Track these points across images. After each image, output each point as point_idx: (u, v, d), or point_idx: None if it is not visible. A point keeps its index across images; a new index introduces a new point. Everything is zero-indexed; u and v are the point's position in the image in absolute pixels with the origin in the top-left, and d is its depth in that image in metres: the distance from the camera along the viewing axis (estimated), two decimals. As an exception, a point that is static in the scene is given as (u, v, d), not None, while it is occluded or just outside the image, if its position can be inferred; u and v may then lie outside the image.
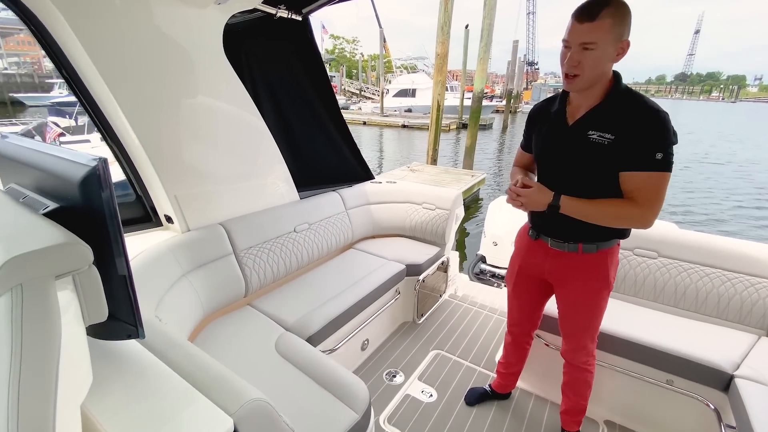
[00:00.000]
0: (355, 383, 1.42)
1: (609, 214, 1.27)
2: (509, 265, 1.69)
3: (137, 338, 0.94)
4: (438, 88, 8.91)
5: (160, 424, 0.78)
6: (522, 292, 1.67)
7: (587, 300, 1.46)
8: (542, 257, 1.50)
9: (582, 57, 1.16)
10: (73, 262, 0.66)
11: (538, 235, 1.50)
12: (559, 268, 1.47)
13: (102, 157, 0.82)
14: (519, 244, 1.63)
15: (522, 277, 1.62)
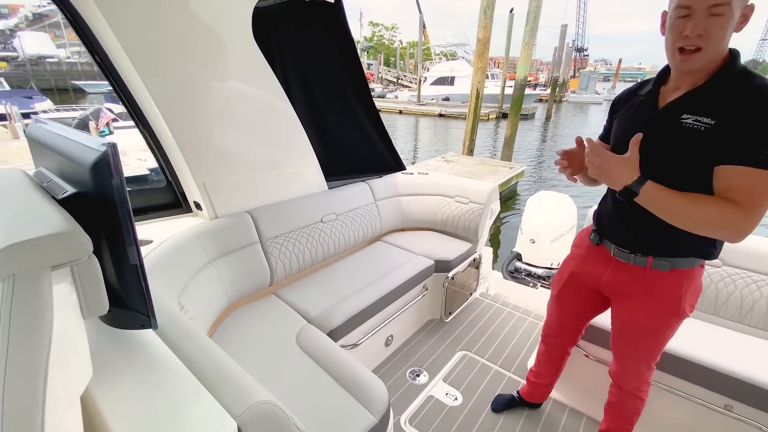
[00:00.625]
0: (375, 384, 1.36)
1: (699, 213, 0.98)
2: (560, 267, 1.51)
3: (150, 329, 0.92)
4: (478, 75, 8.55)
5: (164, 421, 0.75)
6: (568, 300, 1.49)
7: (650, 325, 1.24)
8: (601, 266, 1.31)
9: (709, 24, 0.93)
10: (70, 252, 0.62)
11: (600, 240, 1.31)
12: (619, 282, 1.26)
13: (112, 142, 0.78)
14: (577, 248, 1.44)
15: (572, 284, 1.44)
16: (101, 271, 0.70)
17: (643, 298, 1.22)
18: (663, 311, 1.20)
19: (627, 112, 1.21)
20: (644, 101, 1.16)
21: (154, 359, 0.91)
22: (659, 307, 1.21)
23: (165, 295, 1.26)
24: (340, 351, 1.52)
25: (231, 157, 1.82)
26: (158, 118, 1.55)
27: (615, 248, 1.25)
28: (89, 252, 0.65)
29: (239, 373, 0.90)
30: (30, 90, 14.67)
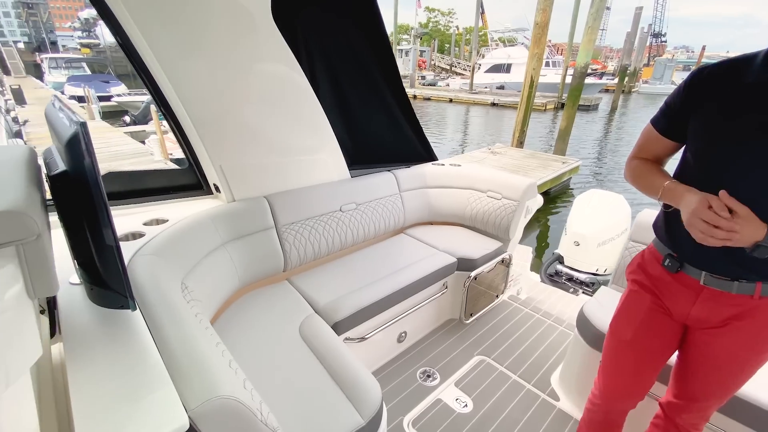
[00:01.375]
0: (369, 384, 1.29)
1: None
2: (626, 302, 1.21)
3: (128, 309, 0.92)
4: (533, 61, 7.98)
5: (118, 406, 0.74)
6: (647, 344, 1.16)
7: (748, 359, 1.02)
8: (688, 299, 1.05)
9: None
10: (13, 232, 0.61)
11: (680, 266, 1.04)
12: (716, 314, 1.01)
13: (81, 120, 0.77)
14: (645, 276, 1.15)
15: (653, 321, 1.13)
16: (51, 252, 0.69)
17: (748, 330, 0.99)
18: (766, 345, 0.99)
19: (724, 102, 0.89)
20: (756, 85, 0.85)
21: (132, 341, 0.91)
22: (764, 340, 0.99)
23: (167, 276, 1.28)
24: (340, 345, 1.47)
25: (248, 142, 1.81)
26: (177, 101, 1.57)
27: (706, 275, 1.00)
28: (36, 233, 0.64)
29: (209, 363, 0.87)
30: (108, 75, 16.12)
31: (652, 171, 1.08)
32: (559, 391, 1.90)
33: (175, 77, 1.50)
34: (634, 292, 1.17)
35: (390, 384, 1.90)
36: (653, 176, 1.06)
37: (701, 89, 0.94)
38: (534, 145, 11.74)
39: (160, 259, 1.33)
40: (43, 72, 20.37)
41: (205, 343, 0.99)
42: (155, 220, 1.59)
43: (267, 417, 0.91)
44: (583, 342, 1.70)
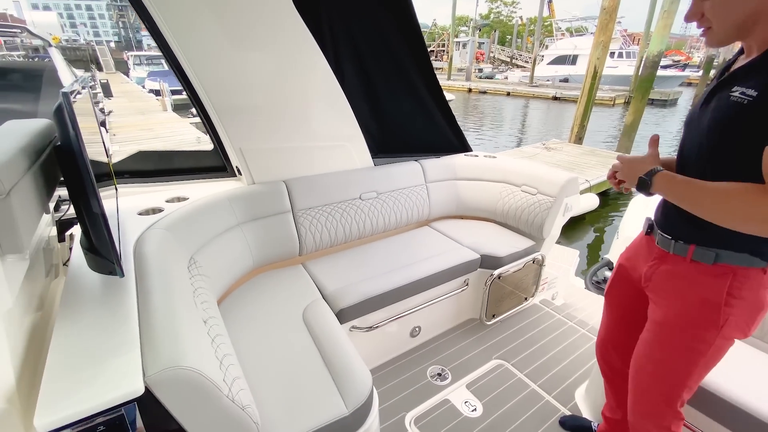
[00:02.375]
0: (360, 374, 1.25)
1: (721, 202, 0.83)
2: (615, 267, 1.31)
3: (117, 276, 0.96)
4: (598, 50, 7.31)
5: (84, 365, 0.77)
6: (615, 300, 1.30)
7: (677, 335, 1.01)
8: (645, 257, 1.13)
9: (703, 6, 0.87)
10: None
11: (651, 229, 1.13)
12: (656, 275, 1.08)
13: (65, 90, 0.80)
14: (634, 243, 1.25)
15: (619, 281, 1.26)
16: (17, 212, 0.72)
17: (677, 296, 1.02)
18: (697, 318, 0.98)
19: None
20: (715, 79, 0.97)
21: (118, 306, 0.95)
22: (693, 312, 0.98)
23: (174, 250, 1.33)
24: (339, 333, 1.45)
25: (268, 126, 1.83)
26: (199, 86, 1.62)
27: (660, 235, 1.06)
28: (4, 189, 0.67)
29: (181, 334, 0.88)
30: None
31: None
32: (582, 407, 1.72)
33: (195, 62, 1.55)
34: (624, 252, 1.26)
35: (398, 378, 1.85)
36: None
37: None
38: (595, 142, 10.85)
39: (171, 234, 1.39)
40: (129, 68, 22.65)
41: (188, 315, 1.01)
42: (177, 197, 1.67)
43: (236, 394, 0.90)
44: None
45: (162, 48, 1.54)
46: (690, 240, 0.98)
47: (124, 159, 1.81)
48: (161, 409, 0.78)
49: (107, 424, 0.72)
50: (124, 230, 1.34)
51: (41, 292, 1.06)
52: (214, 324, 1.15)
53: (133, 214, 1.48)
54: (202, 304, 1.20)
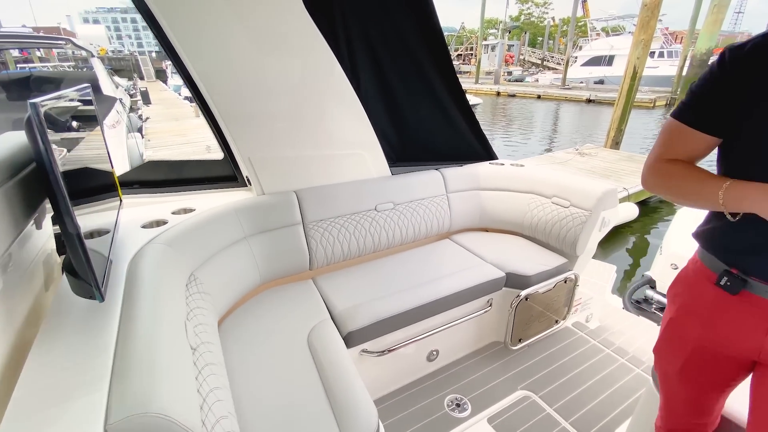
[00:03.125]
0: (364, 409, 1.13)
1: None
2: (667, 327, 1.00)
3: (94, 299, 0.88)
4: (638, 49, 6.87)
5: (52, 403, 0.69)
6: (700, 377, 0.98)
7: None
8: (758, 326, 0.82)
9: None
10: None
11: (744, 284, 0.82)
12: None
13: (33, 101, 0.72)
14: (691, 299, 0.93)
15: (702, 357, 0.93)
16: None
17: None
18: None
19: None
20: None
21: (99, 332, 0.87)
22: None
23: (173, 267, 1.25)
24: (344, 359, 1.32)
25: (278, 134, 1.74)
26: (207, 92, 1.55)
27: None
28: None
29: (158, 369, 0.78)
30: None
31: (697, 172, 0.84)
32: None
33: (202, 69, 1.48)
34: (680, 318, 0.96)
35: (411, 407, 1.70)
36: (702, 177, 0.82)
37: (749, 66, 0.74)
38: (633, 147, 10.25)
39: (172, 249, 1.32)
40: (167, 76, 23.75)
41: (173, 345, 0.91)
42: (183, 209, 1.61)
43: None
44: (656, 393, 1.30)
45: (170, 55, 1.48)
46: None
47: (133, 169, 1.77)
48: None
49: None
50: (123, 244, 1.27)
51: (31, 306, 1.00)
52: (206, 351, 1.05)
53: (136, 227, 1.42)
54: (196, 327, 1.11)
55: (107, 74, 8.04)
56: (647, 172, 0.94)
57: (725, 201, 0.76)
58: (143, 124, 10.73)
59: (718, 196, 0.77)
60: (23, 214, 0.86)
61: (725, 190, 0.76)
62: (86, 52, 7.54)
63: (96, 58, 7.38)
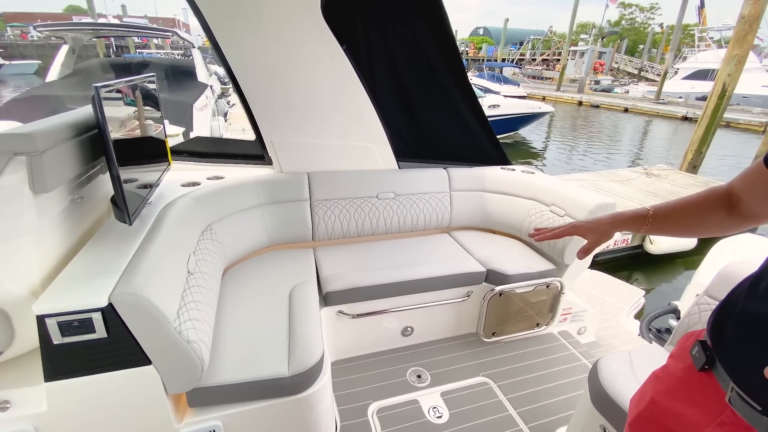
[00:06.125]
0: (313, 346, 1.40)
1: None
2: (646, 381, 0.90)
3: (126, 224, 1.26)
4: (730, 66, 6.16)
5: (87, 278, 1.06)
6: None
7: None
8: (702, 407, 0.72)
9: None
10: (23, 146, 0.97)
11: (711, 364, 0.71)
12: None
13: (96, 85, 1.10)
14: (672, 360, 0.84)
15: (649, 420, 0.83)
16: (46, 166, 1.03)
17: None
18: None
19: None
20: None
21: (125, 244, 1.25)
22: None
23: (194, 215, 1.64)
24: (313, 311, 1.61)
25: (296, 122, 2.08)
26: (242, 85, 1.93)
27: (735, 391, 0.65)
28: (38, 150, 0.99)
29: (150, 271, 1.12)
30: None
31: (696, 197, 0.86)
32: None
33: (238, 67, 1.85)
34: (656, 374, 0.86)
35: (376, 369, 1.95)
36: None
37: None
38: (719, 173, 9.13)
39: (197, 203, 1.71)
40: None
41: (173, 263, 1.27)
42: (215, 176, 2.02)
43: (185, 330, 1.13)
44: (590, 402, 1.39)
45: (215, 49, 1.86)
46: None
47: (183, 142, 2.24)
48: (122, 323, 1.04)
49: (80, 321, 1.00)
50: (163, 195, 1.69)
51: (94, 223, 1.43)
52: (200, 278, 1.41)
53: (177, 185, 1.85)
54: (199, 261, 1.48)
55: (204, 63, 9.15)
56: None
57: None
58: (228, 109, 12.02)
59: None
60: (88, 158, 1.27)
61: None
62: (189, 43, 8.70)
63: (196, 48, 8.48)
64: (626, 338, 2.54)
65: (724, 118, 8.19)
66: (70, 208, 1.27)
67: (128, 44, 25.01)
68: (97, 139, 1.30)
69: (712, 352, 0.71)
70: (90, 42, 8.25)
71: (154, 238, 1.30)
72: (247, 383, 1.25)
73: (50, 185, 1.05)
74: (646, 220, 0.89)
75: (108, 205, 1.56)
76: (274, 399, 1.29)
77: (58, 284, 1.05)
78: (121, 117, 1.29)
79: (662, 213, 0.89)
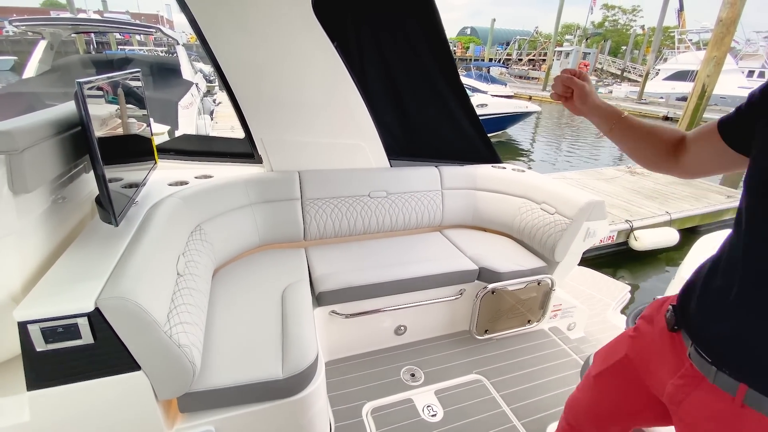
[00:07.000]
0: (307, 348, 1.38)
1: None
2: (614, 339, 1.05)
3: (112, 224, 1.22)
4: (709, 67, 6.34)
5: (69, 280, 1.02)
6: (610, 390, 1.02)
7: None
8: (670, 367, 0.84)
9: None
10: (2, 145, 0.92)
11: (678, 326, 0.83)
12: (689, 403, 0.78)
13: (79, 81, 1.06)
14: (645, 322, 0.95)
15: (621, 373, 0.97)
16: (27, 165, 0.99)
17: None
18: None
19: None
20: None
21: (111, 247, 1.21)
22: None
23: (182, 215, 1.60)
24: (306, 311, 1.59)
25: (287, 121, 2.05)
26: (230, 82, 1.89)
27: (693, 347, 0.77)
28: (18, 148, 0.94)
29: (138, 274, 1.09)
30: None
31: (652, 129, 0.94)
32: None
33: (227, 64, 1.82)
34: (628, 333, 1.00)
35: (369, 369, 1.93)
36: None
37: (759, 106, 0.72)
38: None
39: (185, 203, 1.67)
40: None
41: (162, 265, 1.24)
42: (204, 175, 1.98)
43: (176, 333, 1.10)
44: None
45: (202, 44, 1.82)
46: (742, 376, 0.69)
47: (170, 139, 2.19)
48: (110, 328, 1.00)
49: (65, 327, 0.96)
50: (150, 195, 1.64)
51: (77, 224, 1.39)
52: (190, 279, 1.38)
53: (164, 184, 1.80)
54: (188, 261, 1.44)
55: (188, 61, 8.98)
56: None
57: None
58: (215, 107, 11.83)
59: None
60: (71, 157, 1.22)
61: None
62: (173, 40, 8.52)
63: (181, 45, 8.31)
64: (614, 333, 2.56)
65: (704, 117, 8.48)
66: (53, 209, 1.22)
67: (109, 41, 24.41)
68: (80, 137, 1.25)
69: (680, 317, 0.84)
70: (69, 38, 7.99)
71: (142, 239, 1.27)
72: (240, 387, 1.23)
73: (31, 185, 1.01)
74: (617, 119, 0.96)
75: (92, 205, 1.51)
76: (267, 402, 1.27)
77: (40, 289, 1.00)
78: (105, 114, 1.25)
79: (629, 122, 0.96)
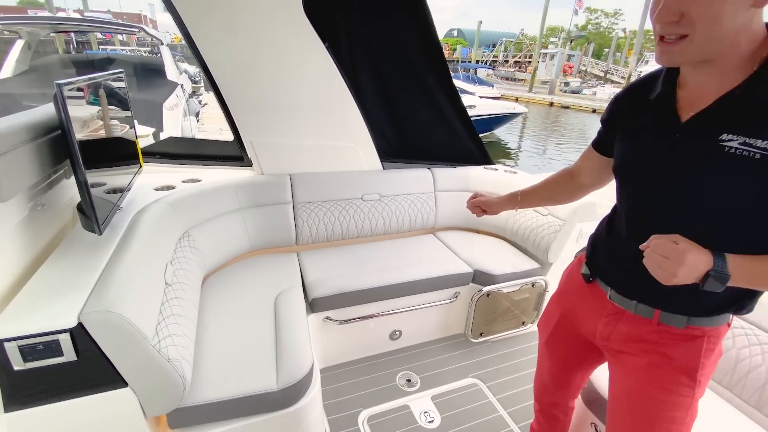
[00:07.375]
0: (302, 357, 1.34)
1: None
2: (547, 306, 1.22)
3: (95, 233, 1.16)
4: (691, 68, 6.48)
5: (51, 295, 0.96)
6: (559, 349, 1.18)
7: (655, 399, 0.89)
8: (595, 312, 1.00)
9: (689, 2, 0.65)
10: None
11: (593, 277, 1.01)
12: (615, 335, 0.96)
13: (58, 82, 1.00)
14: (566, 283, 1.14)
15: (562, 331, 1.14)
16: (4, 169, 0.92)
17: (644, 364, 0.90)
18: (673, 386, 0.87)
19: (633, 128, 0.88)
20: (656, 112, 0.82)
21: (94, 257, 1.15)
22: (667, 378, 0.87)
23: (169, 222, 1.54)
24: (300, 319, 1.55)
25: (277, 123, 2.00)
26: (218, 83, 1.83)
27: (612, 291, 0.95)
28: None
29: (124, 285, 1.03)
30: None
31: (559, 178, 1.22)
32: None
33: (215, 64, 1.76)
34: (556, 296, 1.17)
35: (365, 376, 1.90)
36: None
37: (618, 107, 0.95)
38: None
39: (172, 209, 1.61)
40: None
41: (149, 275, 1.18)
42: (191, 179, 1.91)
43: (165, 347, 1.05)
44: (580, 400, 1.40)
45: (189, 44, 1.76)
46: (654, 302, 0.87)
47: (156, 142, 2.11)
48: (94, 344, 0.95)
49: (45, 344, 0.90)
50: (135, 201, 1.58)
51: (57, 233, 1.32)
52: (179, 289, 1.32)
53: (150, 189, 1.73)
54: (176, 270, 1.39)
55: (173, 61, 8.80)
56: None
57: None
58: (200, 109, 11.64)
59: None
60: (50, 162, 1.16)
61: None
62: (156, 40, 8.34)
63: (165, 45, 8.14)
64: None
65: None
66: (31, 218, 1.16)
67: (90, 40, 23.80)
68: (60, 141, 1.19)
69: (593, 270, 1.01)
70: (48, 37, 7.74)
71: (127, 248, 1.21)
72: (233, 400, 1.18)
73: (7, 194, 0.94)
74: (515, 200, 1.26)
75: (73, 212, 1.44)
76: (262, 415, 1.22)
77: (18, 303, 0.94)
78: (87, 116, 1.18)
79: (525, 194, 1.25)
